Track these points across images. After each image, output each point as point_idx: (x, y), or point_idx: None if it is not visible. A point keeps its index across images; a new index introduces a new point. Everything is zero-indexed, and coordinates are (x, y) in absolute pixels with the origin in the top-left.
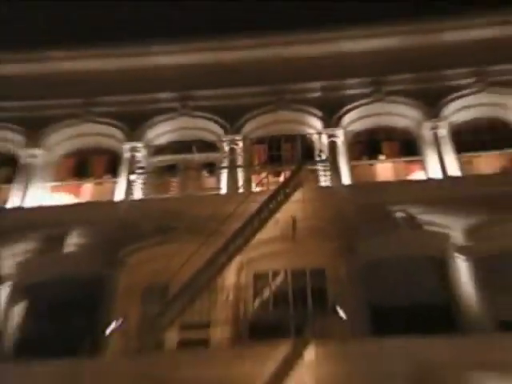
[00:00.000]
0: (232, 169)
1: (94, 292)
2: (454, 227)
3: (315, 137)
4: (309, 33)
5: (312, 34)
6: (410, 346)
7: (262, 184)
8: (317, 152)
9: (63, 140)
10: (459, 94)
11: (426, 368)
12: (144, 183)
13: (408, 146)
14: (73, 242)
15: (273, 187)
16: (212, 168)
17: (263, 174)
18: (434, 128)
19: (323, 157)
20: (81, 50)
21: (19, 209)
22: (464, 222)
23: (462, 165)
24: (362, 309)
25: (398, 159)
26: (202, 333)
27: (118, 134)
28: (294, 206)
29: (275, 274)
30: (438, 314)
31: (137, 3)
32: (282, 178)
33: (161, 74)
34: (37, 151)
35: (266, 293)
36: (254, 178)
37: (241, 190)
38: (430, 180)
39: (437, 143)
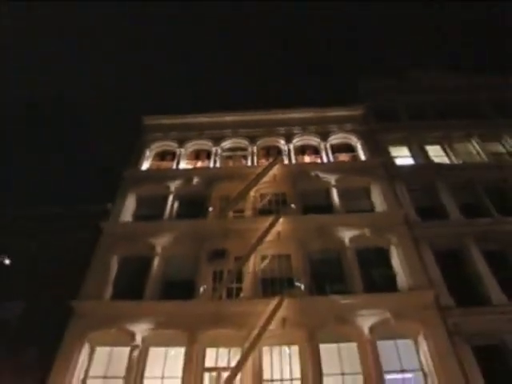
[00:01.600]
0: (252, 157)
1: (204, 198)
2: (330, 178)
3: (282, 147)
4: (277, 111)
5: (279, 111)
6: (319, 219)
7: (263, 162)
8: (283, 152)
9: (191, 146)
10: (331, 134)
11: (322, 225)
12: (220, 161)
13: (315, 151)
14: (195, 180)
15: (266, 163)
16: (245, 157)
17: (263, 160)
18: (325, 145)
19: (285, 154)
20: (202, 114)
21: (177, 169)
22: (334, 176)
23: (335, 157)
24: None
25: (311, 156)
26: (241, 214)
27: (210, 144)
28: (274, 170)
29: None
30: (325, 206)
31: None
32: (270, 160)
33: (226, 122)
34: (182, 149)
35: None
36: (260, 161)
37: (255, 164)
38: (323, 163)
39: (326, 150)
